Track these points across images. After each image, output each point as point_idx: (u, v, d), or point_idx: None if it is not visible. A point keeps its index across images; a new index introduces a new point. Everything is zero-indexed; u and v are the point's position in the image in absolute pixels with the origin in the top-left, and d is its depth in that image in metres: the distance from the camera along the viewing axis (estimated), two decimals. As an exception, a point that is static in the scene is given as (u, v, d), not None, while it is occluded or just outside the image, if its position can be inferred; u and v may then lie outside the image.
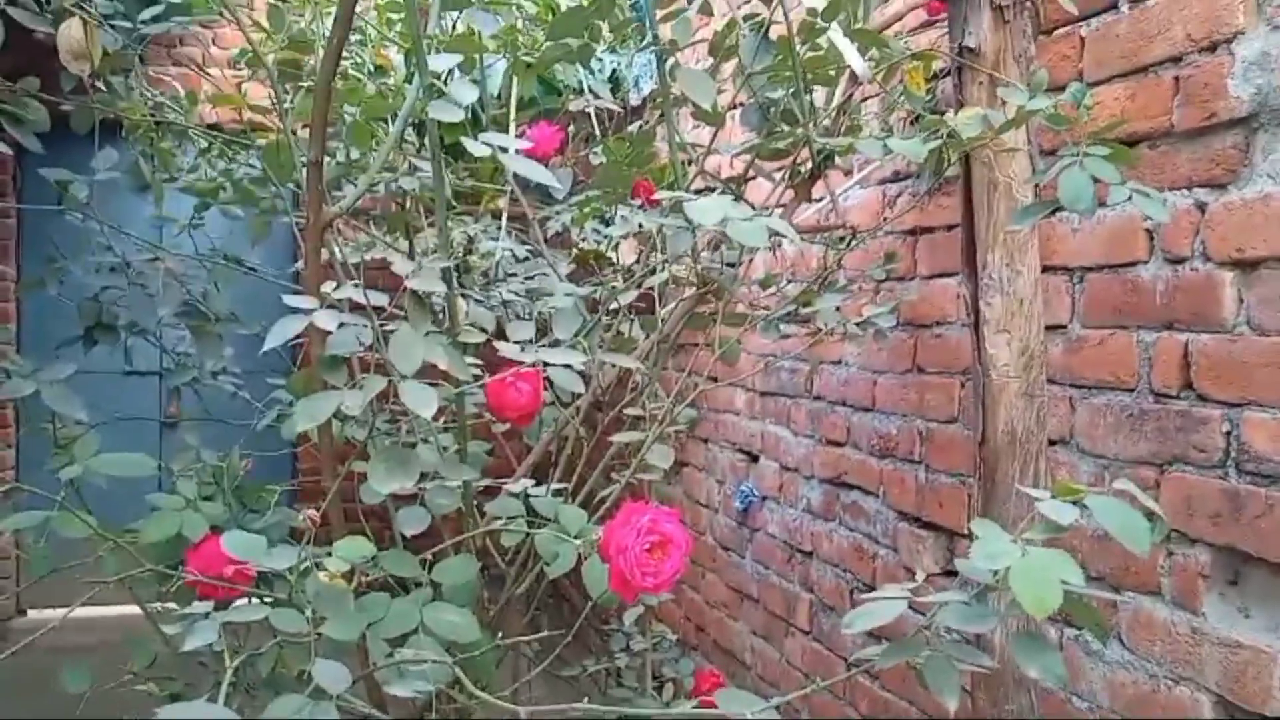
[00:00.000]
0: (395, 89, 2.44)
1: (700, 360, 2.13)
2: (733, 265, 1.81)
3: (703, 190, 1.87)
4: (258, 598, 1.33)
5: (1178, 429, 1.48)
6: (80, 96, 2.09)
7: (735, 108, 1.96)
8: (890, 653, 1.04)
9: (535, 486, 1.52)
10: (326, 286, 1.33)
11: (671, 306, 1.93)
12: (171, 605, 1.49)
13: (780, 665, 2.81)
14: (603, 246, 2.34)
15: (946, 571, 2.08)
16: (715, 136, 1.85)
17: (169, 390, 4.10)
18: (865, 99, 2.25)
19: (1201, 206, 1.45)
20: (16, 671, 2.06)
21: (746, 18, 1.67)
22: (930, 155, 1.55)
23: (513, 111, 2.20)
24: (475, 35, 1.67)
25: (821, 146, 1.78)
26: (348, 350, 1.34)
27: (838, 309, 1.85)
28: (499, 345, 1.39)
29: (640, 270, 1.89)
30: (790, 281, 2.34)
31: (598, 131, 2.44)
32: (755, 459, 3.05)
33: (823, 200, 2.29)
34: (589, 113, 2.41)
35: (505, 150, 1.32)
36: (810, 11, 1.62)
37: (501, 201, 2.29)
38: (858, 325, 1.89)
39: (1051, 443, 1.67)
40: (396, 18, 2.50)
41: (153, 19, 2.11)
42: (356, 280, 1.39)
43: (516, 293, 2.11)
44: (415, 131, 2.32)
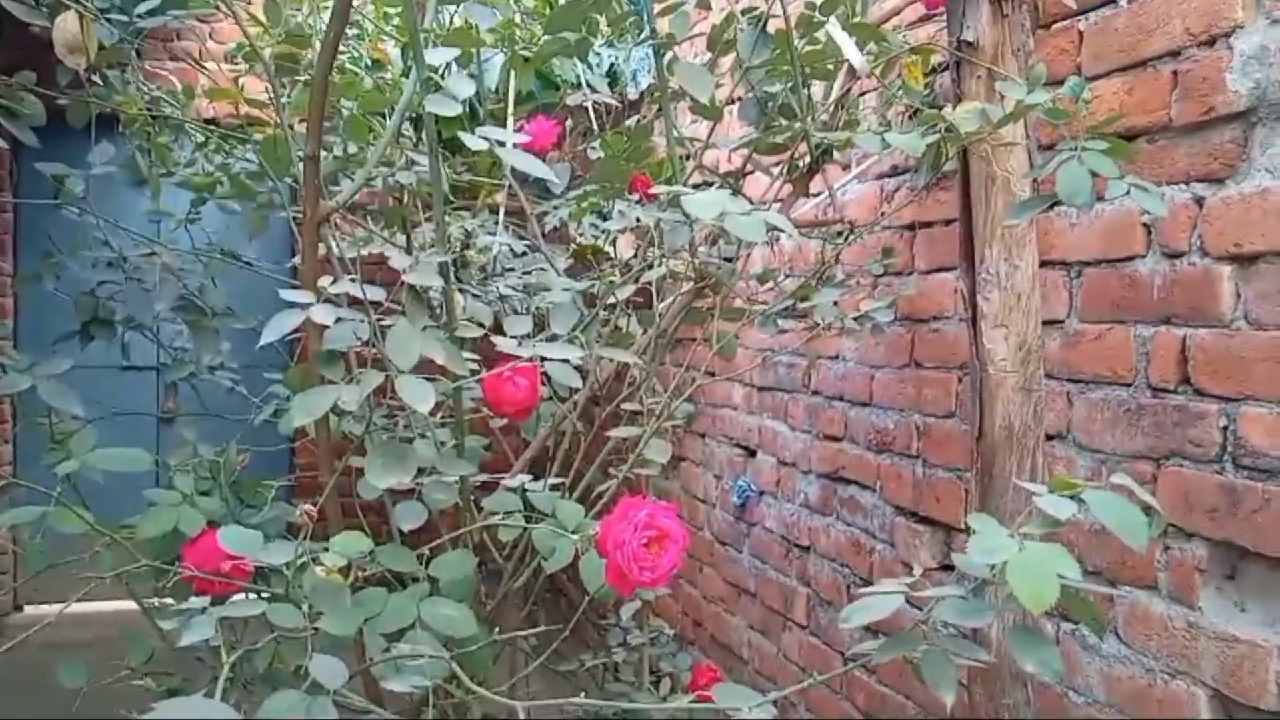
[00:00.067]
0: (392, 83, 2.44)
1: (698, 355, 2.13)
2: (730, 260, 1.81)
3: (700, 185, 1.87)
4: (255, 593, 1.33)
5: (1175, 424, 1.48)
6: (76, 91, 2.09)
7: (733, 102, 1.96)
8: (887, 647, 1.04)
9: (532, 481, 1.52)
10: (323, 281, 1.33)
11: (669, 301, 1.93)
12: (168, 600, 1.49)
13: (778, 660, 2.81)
14: (600, 241, 2.34)
15: (943, 566, 2.08)
16: (713, 131, 1.85)
17: (166, 385, 4.09)
18: (863, 93, 2.24)
19: (1199, 201, 1.45)
20: (13, 667, 2.06)
21: (744, 12, 1.67)
22: (928, 150, 1.55)
23: (510, 106, 2.19)
24: (472, 29, 1.67)
25: (819, 141, 1.78)
26: (345, 345, 1.34)
27: (835, 304, 1.85)
28: (496, 340, 1.39)
29: (638, 265, 1.89)
30: (788, 276, 2.34)
31: (595, 126, 2.44)
32: (753, 454, 3.05)
33: (820, 195, 2.29)
34: (587, 107, 2.41)
35: (503, 145, 1.33)
36: (808, 5, 1.62)
37: (499, 196, 2.29)
38: (855, 320, 1.89)
39: (1049, 437, 1.67)
40: (393, 12, 2.50)
41: (149, 13, 2.10)
42: (354, 275, 1.38)
43: (514, 287, 2.11)
44: (412, 126, 2.31)
